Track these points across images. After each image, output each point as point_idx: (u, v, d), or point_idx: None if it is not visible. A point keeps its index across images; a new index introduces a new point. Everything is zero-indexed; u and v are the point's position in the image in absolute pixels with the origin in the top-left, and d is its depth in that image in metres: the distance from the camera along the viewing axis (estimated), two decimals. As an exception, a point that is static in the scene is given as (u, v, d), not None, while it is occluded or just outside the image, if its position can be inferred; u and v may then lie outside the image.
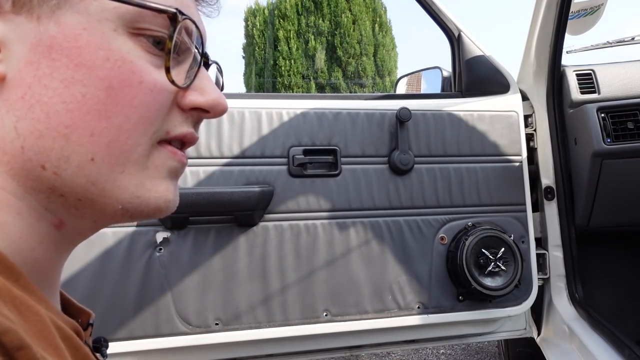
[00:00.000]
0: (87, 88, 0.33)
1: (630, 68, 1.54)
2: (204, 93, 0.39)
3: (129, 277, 1.19)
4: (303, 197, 1.31)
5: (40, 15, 0.32)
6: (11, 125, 0.32)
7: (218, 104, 0.40)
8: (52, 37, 0.32)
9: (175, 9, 0.35)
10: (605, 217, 1.48)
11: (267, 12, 9.25)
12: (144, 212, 0.37)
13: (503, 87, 1.49)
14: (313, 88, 8.93)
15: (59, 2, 0.32)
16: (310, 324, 1.27)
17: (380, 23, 9.50)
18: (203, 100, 0.39)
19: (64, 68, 0.32)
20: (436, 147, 1.41)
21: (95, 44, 0.33)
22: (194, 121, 0.40)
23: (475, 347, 2.79)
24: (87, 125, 0.33)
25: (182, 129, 0.39)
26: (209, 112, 0.40)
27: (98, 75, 0.33)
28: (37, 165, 0.33)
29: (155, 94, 0.35)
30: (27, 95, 0.32)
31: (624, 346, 1.22)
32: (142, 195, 0.36)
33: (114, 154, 0.34)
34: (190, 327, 1.21)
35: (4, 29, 0.32)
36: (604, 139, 1.38)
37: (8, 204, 0.33)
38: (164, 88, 0.36)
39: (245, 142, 1.29)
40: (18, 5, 0.32)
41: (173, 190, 0.39)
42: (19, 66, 0.32)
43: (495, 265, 1.32)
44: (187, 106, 0.38)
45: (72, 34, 0.33)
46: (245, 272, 1.25)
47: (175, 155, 0.39)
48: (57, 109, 0.32)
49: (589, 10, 1.49)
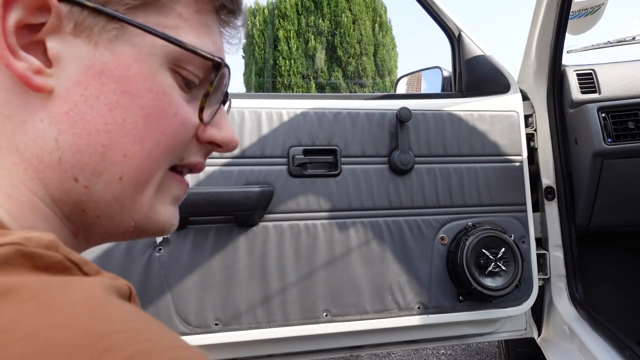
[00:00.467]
0: (128, 113, 0.36)
1: (630, 68, 1.54)
2: (220, 129, 0.43)
3: (128, 277, 1.18)
4: (303, 197, 1.31)
5: (98, 42, 0.35)
6: (52, 137, 0.34)
7: (232, 141, 0.44)
8: (104, 63, 0.35)
9: (220, 59, 0.40)
10: (605, 217, 1.48)
11: (267, 12, 9.25)
12: (150, 232, 0.41)
13: (503, 86, 1.49)
14: (313, 88, 8.93)
15: (118, 34, 0.35)
16: (310, 324, 1.27)
17: (380, 23, 9.50)
18: (220, 137, 0.43)
19: (110, 92, 0.35)
20: (436, 147, 1.40)
21: (142, 76, 0.36)
22: (206, 153, 0.44)
23: (476, 347, 2.79)
24: (122, 147, 0.36)
25: (195, 159, 0.43)
26: (222, 147, 0.44)
27: (140, 104, 0.36)
28: (70, 177, 0.35)
29: (185, 127, 0.39)
30: (72, 112, 0.35)
31: (624, 346, 1.21)
32: (152, 217, 0.40)
33: (139, 176, 0.38)
34: (189, 327, 1.20)
35: (60, 48, 0.35)
36: (605, 138, 1.38)
37: (38, 208, 0.35)
38: (192, 122, 0.40)
39: (245, 142, 1.29)
40: (79, 29, 0.35)
41: (176, 215, 0.43)
42: (67, 84, 0.35)
43: (496, 266, 1.32)
44: (204, 139, 0.42)
45: (124, 64, 0.36)
46: (245, 272, 1.25)
47: (182, 184, 0.43)
48: (98, 129, 0.35)
49: (589, 10, 1.49)
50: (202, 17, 0.40)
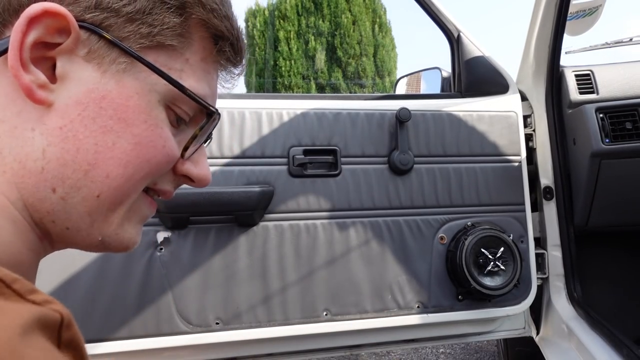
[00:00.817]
0: (119, 139, 0.38)
1: (628, 69, 1.55)
2: (197, 166, 0.46)
3: (129, 277, 1.19)
4: (303, 197, 1.31)
5: (107, 71, 0.37)
6: (41, 147, 0.36)
7: (205, 179, 0.47)
8: (108, 90, 0.37)
9: (215, 109, 0.44)
10: (603, 217, 1.49)
11: (267, 13, 9.26)
12: (114, 248, 0.42)
13: (502, 87, 1.50)
14: (313, 88, 8.93)
15: (126, 67, 0.38)
16: (310, 323, 1.27)
17: (380, 24, 9.51)
18: (196, 173, 0.46)
19: (106, 117, 0.37)
20: (436, 147, 1.41)
21: (140, 108, 0.39)
22: (177, 184, 0.47)
23: (475, 346, 2.80)
24: (106, 168, 0.38)
25: (167, 187, 0.45)
26: (194, 182, 0.46)
27: (132, 132, 0.38)
28: (49, 186, 0.36)
29: (168, 159, 0.42)
30: (65, 128, 0.36)
31: (622, 345, 1.22)
32: (119, 234, 0.42)
33: (116, 196, 0.39)
34: (190, 326, 1.21)
35: (69, 69, 0.37)
36: (603, 139, 1.38)
37: (7, 210, 0.35)
38: (175, 155, 0.43)
39: (246, 142, 1.30)
40: (91, 55, 0.37)
41: (140, 233, 0.45)
42: (68, 102, 0.36)
43: (495, 265, 1.32)
44: (180, 172, 0.45)
45: (126, 95, 0.38)
46: (246, 271, 1.26)
47: (152, 205, 0.45)
48: (87, 148, 0.37)
49: (587, 11, 1.50)
50: (206, 64, 0.43)
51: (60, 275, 1.15)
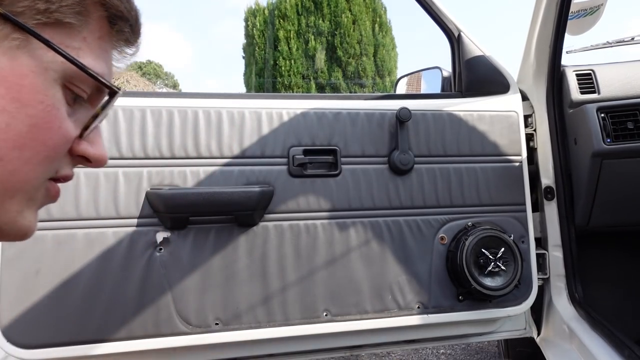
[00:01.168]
0: (13, 120, 0.36)
1: (630, 68, 1.54)
2: (94, 146, 0.45)
3: (129, 277, 1.19)
4: (303, 197, 1.31)
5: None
6: None
7: (102, 159, 0.46)
8: (0, 68, 0.35)
9: (117, 88, 0.43)
10: (605, 217, 1.48)
11: (267, 12, 9.25)
12: (12, 235, 0.41)
13: (503, 87, 1.49)
14: (313, 88, 8.93)
15: (20, 44, 0.36)
16: (310, 323, 1.27)
17: (380, 23, 9.51)
18: (92, 152, 0.45)
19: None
20: (436, 147, 1.41)
21: (36, 87, 0.37)
22: (74, 165, 0.46)
23: (475, 347, 2.80)
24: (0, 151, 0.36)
25: (67, 171, 0.44)
26: (91, 163, 0.46)
27: (28, 113, 0.36)
28: None
29: (65, 140, 0.41)
30: None
31: (623, 346, 1.22)
32: (18, 222, 0.40)
33: (13, 181, 0.38)
34: (190, 326, 1.21)
35: None
36: (604, 139, 1.38)
37: None
38: (71, 136, 0.41)
39: (246, 142, 1.29)
40: None
41: (36, 221, 0.44)
42: None
43: (495, 265, 1.32)
44: (77, 152, 0.44)
45: (20, 73, 0.36)
46: (246, 272, 1.25)
47: (56, 195, 0.45)
48: None
49: (588, 11, 1.49)
50: (103, 43, 0.43)
51: (60, 275, 1.15)
